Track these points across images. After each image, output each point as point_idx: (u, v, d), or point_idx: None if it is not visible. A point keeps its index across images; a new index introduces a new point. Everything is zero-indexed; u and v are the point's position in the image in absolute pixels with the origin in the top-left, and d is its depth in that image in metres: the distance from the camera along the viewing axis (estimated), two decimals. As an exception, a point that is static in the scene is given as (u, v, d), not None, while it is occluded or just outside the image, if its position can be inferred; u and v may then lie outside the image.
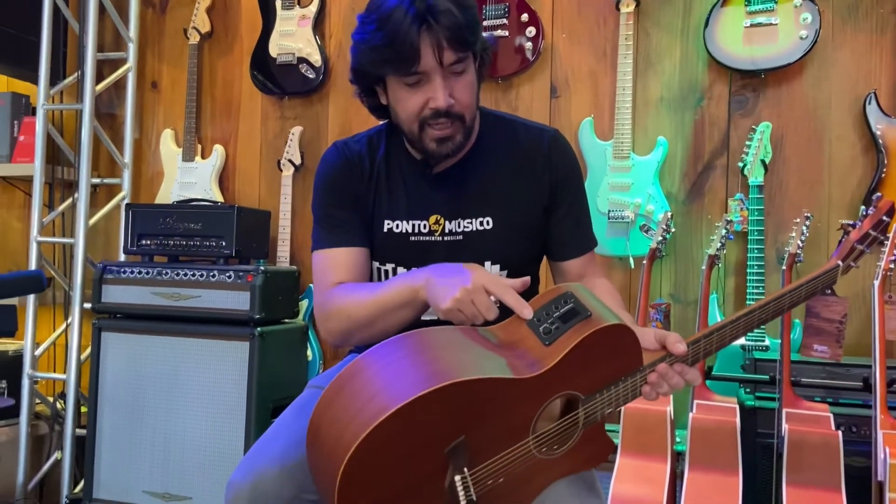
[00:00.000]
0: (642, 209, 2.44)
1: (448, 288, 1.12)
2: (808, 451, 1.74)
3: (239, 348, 2.44)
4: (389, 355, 1.05)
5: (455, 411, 0.99)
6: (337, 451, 0.97)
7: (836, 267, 1.26)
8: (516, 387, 1.02)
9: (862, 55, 2.37)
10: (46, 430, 2.87)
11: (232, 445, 2.42)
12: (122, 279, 2.59)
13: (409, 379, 0.98)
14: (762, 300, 1.22)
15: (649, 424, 1.89)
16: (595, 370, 1.09)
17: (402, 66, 1.21)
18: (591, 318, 1.06)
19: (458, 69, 1.24)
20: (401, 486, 1.00)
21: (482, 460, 1.04)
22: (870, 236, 1.30)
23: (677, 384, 1.14)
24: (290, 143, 2.90)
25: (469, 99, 1.27)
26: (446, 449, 1.00)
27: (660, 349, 1.14)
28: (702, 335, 1.17)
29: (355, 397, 1.01)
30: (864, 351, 2.21)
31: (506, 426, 1.05)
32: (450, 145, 1.28)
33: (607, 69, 2.62)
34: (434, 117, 1.24)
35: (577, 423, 1.11)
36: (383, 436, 0.95)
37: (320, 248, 1.39)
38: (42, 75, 2.89)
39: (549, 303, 1.10)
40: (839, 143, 2.39)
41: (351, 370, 1.05)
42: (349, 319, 1.27)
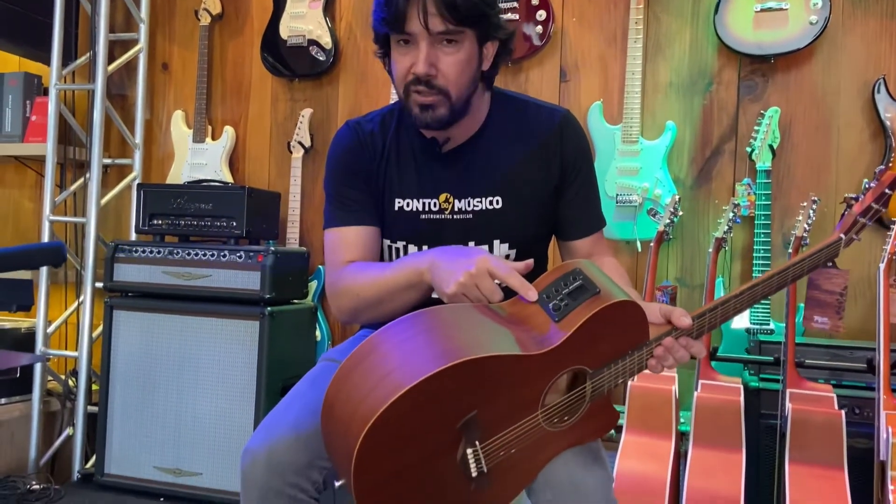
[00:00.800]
0: (650, 193, 2.45)
1: (452, 272, 1.14)
2: (811, 429, 1.77)
3: (249, 327, 2.47)
4: (403, 333, 1.07)
5: (467, 387, 1.02)
6: (353, 428, 0.99)
7: (838, 240, 1.27)
8: (527, 363, 1.05)
9: (872, 40, 2.38)
10: (58, 407, 2.91)
11: (242, 422, 2.46)
12: (134, 258, 2.62)
13: (423, 356, 1.01)
14: (766, 273, 1.23)
15: (654, 403, 1.92)
16: (603, 345, 1.11)
17: (394, 26, 1.24)
18: (599, 295, 1.08)
19: (448, 39, 1.24)
20: (415, 459, 1.02)
21: (493, 434, 1.07)
22: (872, 209, 1.30)
23: (682, 357, 1.16)
24: (300, 125, 2.92)
25: (454, 75, 1.26)
26: (459, 423, 1.03)
27: (665, 323, 1.16)
28: (706, 308, 1.19)
29: (370, 374, 1.04)
30: (868, 335, 2.23)
31: (516, 401, 1.07)
32: (430, 114, 1.27)
33: (617, 53, 2.63)
34: (415, 83, 1.26)
35: (585, 396, 1.13)
36: (398, 412, 0.97)
37: (332, 226, 1.41)
38: (54, 55, 2.91)
39: (557, 279, 1.12)
40: (847, 129, 2.40)
41: (365, 348, 1.07)
42: (358, 298, 1.30)
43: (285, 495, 1.18)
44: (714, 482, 1.77)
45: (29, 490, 2.56)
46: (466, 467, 1.05)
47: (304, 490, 1.20)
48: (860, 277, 2.36)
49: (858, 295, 2.37)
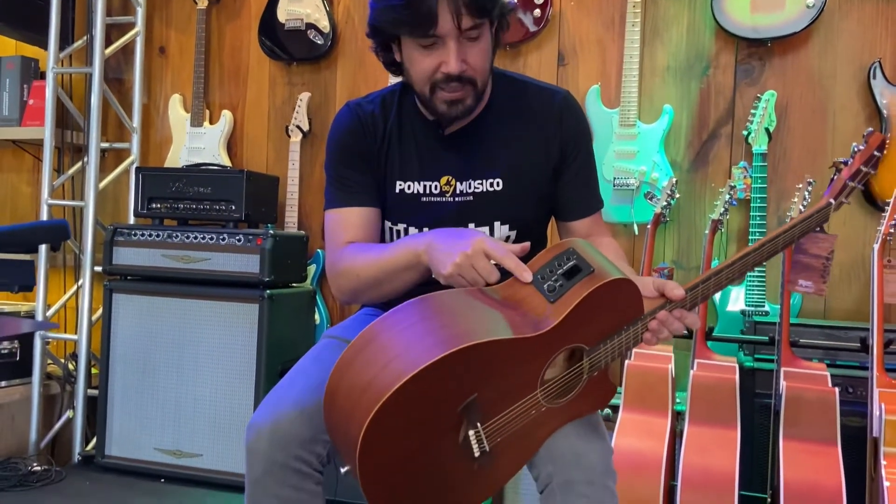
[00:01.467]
0: (647, 177, 2.47)
1: (449, 254, 1.15)
2: (805, 406, 1.79)
3: (248, 310, 2.49)
4: (402, 321, 1.09)
5: (467, 372, 1.04)
6: (356, 417, 1.01)
7: (828, 205, 1.29)
8: (525, 345, 1.07)
9: (868, 24, 2.39)
10: (58, 390, 2.93)
11: (242, 404, 2.48)
12: (133, 241, 2.63)
13: (423, 345, 1.03)
14: (757, 242, 1.24)
15: (651, 381, 1.94)
16: (599, 323, 1.13)
17: (419, 29, 1.23)
18: (594, 274, 1.10)
19: (473, 34, 1.25)
20: (418, 444, 1.05)
21: (494, 415, 1.09)
22: (861, 172, 1.32)
23: (677, 329, 1.18)
24: (298, 109, 2.92)
25: (482, 64, 1.29)
26: (460, 407, 1.05)
27: (659, 297, 1.18)
28: (699, 280, 1.21)
29: (371, 364, 1.05)
30: (863, 316, 2.26)
31: (515, 382, 1.09)
32: (460, 107, 1.29)
33: (615, 37, 2.63)
34: (445, 81, 1.26)
35: (582, 372, 1.15)
36: (400, 400, 0.99)
37: (333, 207, 1.41)
38: (51, 39, 2.90)
39: (551, 260, 1.13)
40: (843, 113, 2.41)
41: (365, 336, 1.09)
42: (357, 279, 1.31)
43: (290, 468, 1.20)
44: (709, 458, 1.80)
45: (30, 472, 2.58)
46: (469, 448, 1.07)
47: (309, 463, 1.21)
48: (855, 259, 2.38)
49: (853, 277, 2.39)
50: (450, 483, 1.10)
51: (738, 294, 2.39)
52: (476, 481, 1.12)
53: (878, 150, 1.32)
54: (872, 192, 2.30)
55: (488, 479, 1.14)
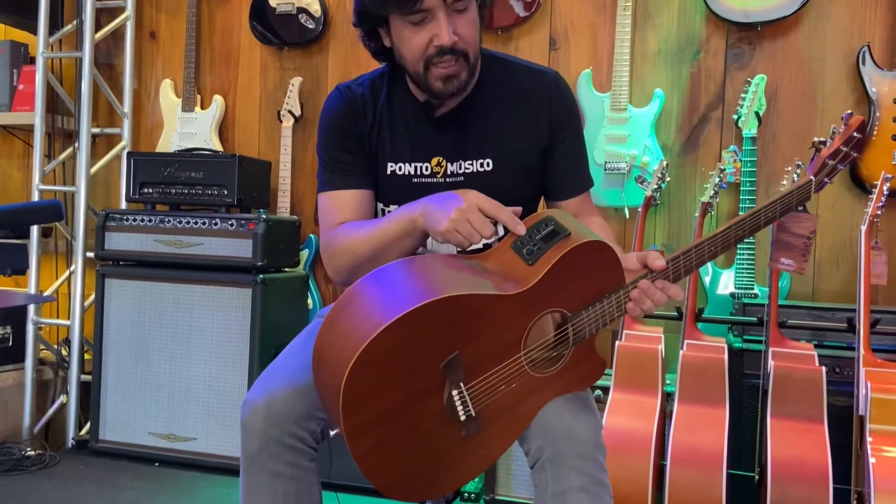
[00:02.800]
0: (638, 160, 2.48)
1: (445, 211, 1.17)
2: (793, 385, 1.82)
3: (241, 295, 2.50)
4: (383, 280, 1.12)
5: (446, 327, 1.06)
6: (338, 369, 1.03)
7: (808, 182, 1.30)
8: (503, 303, 1.09)
9: (857, 8, 2.40)
10: (51, 376, 2.93)
11: (235, 388, 2.49)
12: (125, 226, 2.62)
13: (401, 297, 1.05)
14: (739, 217, 1.26)
15: (641, 361, 1.97)
16: (578, 287, 1.15)
17: (406, 4, 1.23)
18: (570, 237, 1.13)
19: (460, 6, 1.26)
20: (401, 400, 1.06)
21: (477, 375, 1.11)
22: (841, 152, 1.33)
23: (660, 299, 1.20)
24: (290, 94, 2.92)
25: (472, 35, 1.29)
26: (441, 364, 1.07)
27: (642, 269, 1.21)
28: (681, 252, 1.23)
29: (352, 318, 1.08)
30: (850, 298, 2.28)
31: (497, 342, 1.11)
32: (455, 83, 1.30)
33: (606, 22, 2.64)
34: (439, 55, 1.26)
35: (567, 340, 1.17)
36: (380, 349, 1.01)
37: (325, 190, 1.42)
38: (41, 23, 2.89)
39: (531, 228, 1.16)
40: (832, 96, 2.43)
41: (348, 295, 1.12)
42: (354, 254, 1.31)
43: (284, 444, 1.21)
44: (698, 436, 1.82)
45: (24, 456, 2.59)
46: (454, 410, 1.09)
47: (303, 440, 1.23)
48: (842, 242, 2.41)
49: (841, 259, 2.42)
50: (439, 451, 1.12)
51: (728, 277, 2.41)
52: (466, 452, 1.14)
53: (858, 131, 1.34)
54: (860, 175, 2.33)
55: (479, 451, 1.15)
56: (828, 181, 1.35)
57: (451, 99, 1.36)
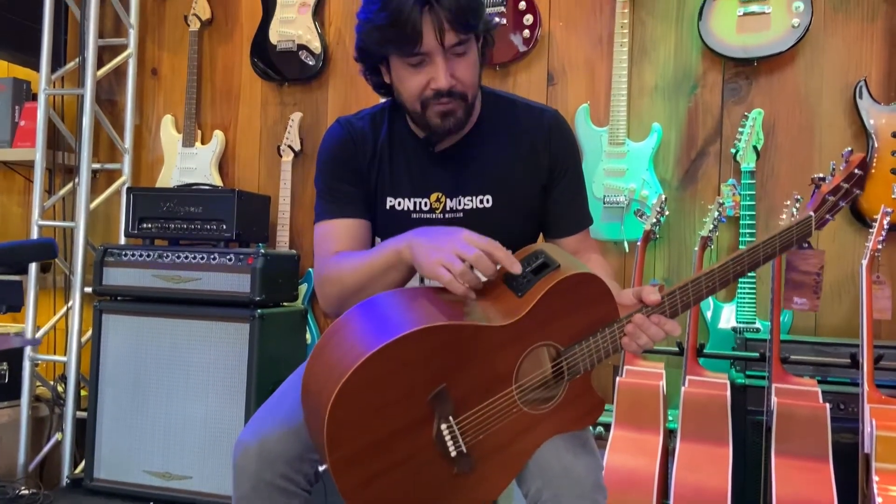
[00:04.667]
0: (637, 194, 2.48)
1: (434, 246, 1.13)
2: (797, 422, 1.79)
3: (239, 330, 2.47)
4: (370, 310, 1.11)
5: (433, 357, 1.04)
6: (322, 400, 1.01)
7: (808, 218, 1.28)
8: (492, 334, 1.07)
9: (853, 43, 2.42)
10: (47, 413, 2.90)
11: (232, 425, 2.45)
12: (123, 262, 2.61)
13: (386, 326, 1.04)
14: (737, 252, 1.24)
15: (643, 398, 1.94)
16: (569, 320, 1.14)
17: (405, 47, 1.24)
18: (560, 269, 1.12)
19: (459, 50, 1.26)
20: (388, 433, 1.03)
21: (467, 409, 1.08)
22: (842, 189, 1.32)
23: (656, 335, 1.17)
24: (290, 129, 2.93)
25: (471, 78, 1.30)
26: (429, 396, 1.05)
27: (638, 304, 1.19)
28: (677, 287, 1.21)
29: (337, 348, 1.06)
30: (853, 332, 2.26)
31: (487, 375, 1.09)
32: (452, 120, 1.30)
33: (603, 57, 2.66)
34: (436, 97, 1.27)
35: (562, 375, 1.15)
36: (363, 380, 0.99)
37: (322, 219, 1.41)
38: (44, 60, 2.91)
39: (521, 260, 1.15)
40: (830, 130, 2.44)
41: (335, 326, 1.10)
42: (342, 284, 1.30)
43: (277, 487, 1.19)
44: (701, 475, 1.79)
45: (18, 495, 2.55)
46: (444, 445, 1.07)
47: (296, 482, 1.21)
48: (844, 275, 2.39)
49: (843, 293, 2.40)
50: (431, 490, 1.09)
51: (730, 311, 2.39)
52: (460, 492, 1.11)
53: (859, 168, 1.33)
54: (860, 209, 2.32)
55: (473, 490, 1.12)
56: (829, 218, 1.33)
57: (451, 135, 1.37)
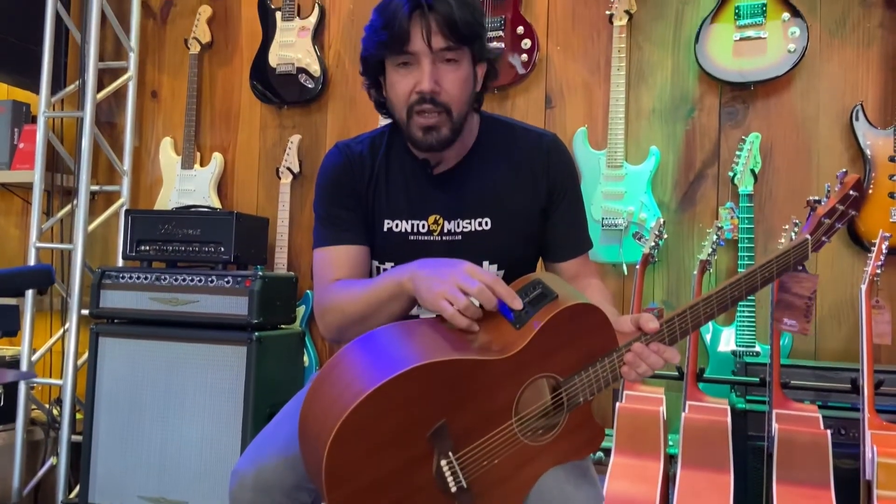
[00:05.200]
0: (635, 217, 2.48)
1: (435, 278, 1.13)
2: (798, 449, 1.78)
3: (237, 353, 2.46)
4: (368, 345, 1.10)
5: (431, 394, 1.03)
6: (320, 439, 1.00)
7: (805, 241, 1.28)
8: (490, 368, 1.06)
9: (849, 68, 2.44)
10: (42, 436, 2.87)
11: (229, 450, 2.43)
12: (121, 284, 2.61)
13: (384, 363, 1.03)
14: (735, 277, 1.24)
15: (643, 424, 1.93)
16: (568, 351, 1.13)
17: (394, 46, 1.26)
18: (557, 300, 1.11)
19: (448, 57, 1.27)
20: (388, 471, 1.02)
21: (467, 444, 1.07)
22: (837, 210, 1.32)
23: (655, 363, 1.16)
24: (289, 151, 2.94)
25: (457, 91, 1.29)
26: (428, 433, 1.03)
27: (636, 331, 1.18)
28: (675, 313, 1.20)
29: (335, 385, 1.05)
30: (852, 356, 2.25)
31: (486, 409, 1.08)
32: (435, 135, 1.29)
33: (601, 81, 2.67)
34: (419, 102, 1.27)
35: (561, 406, 1.14)
36: (362, 419, 0.98)
37: (321, 245, 1.42)
38: (43, 83, 2.92)
39: (519, 290, 1.14)
40: (827, 154, 2.45)
41: (333, 361, 1.10)
42: (343, 314, 1.30)
43: (273, 517, 1.17)
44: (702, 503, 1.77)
45: (11, 521, 2.52)
46: (444, 481, 1.05)
47: (293, 512, 1.19)
48: (843, 299, 2.39)
49: (842, 317, 2.39)
50: None
51: (729, 334, 2.38)
52: None
53: (854, 189, 1.33)
54: (858, 233, 2.32)
55: None
56: (826, 240, 1.33)
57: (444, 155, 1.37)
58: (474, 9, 1.29)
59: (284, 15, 2.95)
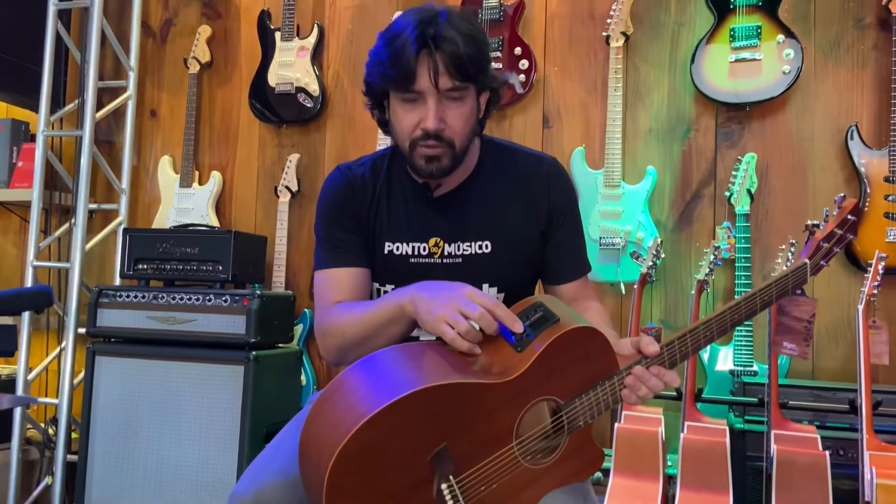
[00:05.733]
0: (632, 236, 2.49)
1: (436, 301, 1.14)
2: (797, 470, 1.77)
3: (234, 372, 2.45)
4: (370, 368, 1.10)
5: (433, 417, 1.03)
6: (321, 464, 1.00)
7: (803, 265, 1.29)
8: (491, 392, 1.06)
9: (843, 89, 2.46)
10: (37, 456, 2.85)
11: (225, 469, 2.42)
12: (118, 303, 2.60)
13: (385, 387, 1.03)
14: (734, 300, 1.25)
15: (641, 445, 1.92)
16: (569, 374, 1.13)
17: (400, 83, 1.27)
18: (559, 323, 1.11)
19: (454, 95, 1.28)
20: (388, 494, 1.02)
21: (468, 468, 1.07)
22: (836, 235, 1.33)
23: (656, 386, 1.17)
24: (287, 170, 2.95)
25: (461, 127, 1.31)
26: (429, 456, 1.03)
27: (636, 354, 1.19)
28: (675, 337, 1.21)
29: (337, 408, 1.05)
30: (850, 376, 2.26)
31: (487, 432, 1.08)
32: (436, 165, 1.31)
33: (598, 101, 2.69)
34: (424, 138, 1.29)
35: (562, 429, 1.14)
36: (363, 442, 0.98)
37: (322, 268, 1.42)
38: (43, 102, 2.93)
39: (520, 313, 1.14)
40: (823, 174, 2.46)
41: (334, 383, 1.10)
42: (343, 336, 1.31)
43: (272, 541, 1.17)
44: (702, 525, 1.77)
45: (4, 542, 2.50)
46: None
47: (291, 535, 1.19)
48: (840, 319, 2.39)
49: (840, 336, 2.40)
50: None
51: (727, 353, 2.39)
52: None
53: (852, 214, 1.34)
54: (854, 252, 2.33)
55: None
56: (824, 264, 1.34)
57: (444, 179, 1.38)
58: (480, 42, 1.29)
59: (284, 35, 2.97)
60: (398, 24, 1.28)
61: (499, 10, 2.72)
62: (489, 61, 1.33)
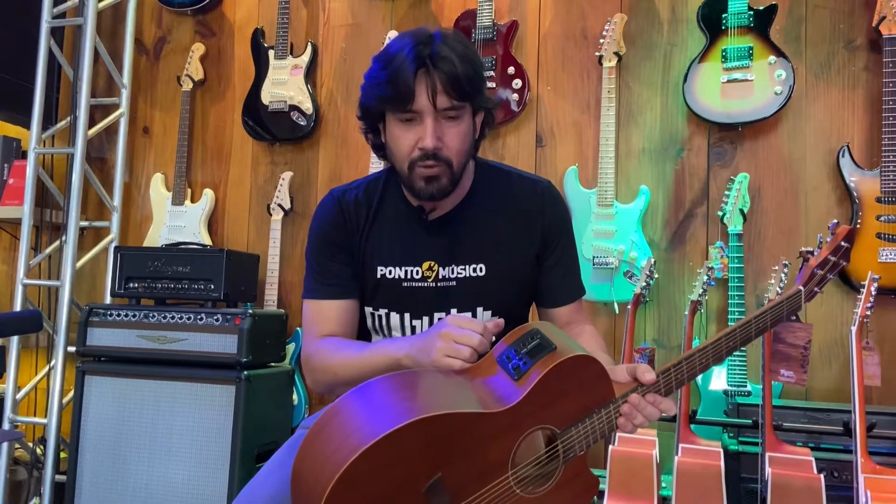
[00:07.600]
0: (626, 256, 2.49)
1: (431, 343, 1.18)
2: (792, 494, 1.76)
3: (225, 392, 2.43)
4: (367, 397, 1.09)
5: (428, 448, 1.02)
6: (315, 493, 0.99)
7: (798, 292, 1.29)
8: (487, 421, 1.06)
9: (835, 110, 2.48)
10: (25, 476, 2.82)
11: (215, 490, 2.39)
12: (108, 322, 2.58)
13: (380, 417, 1.02)
14: (729, 328, 1.25)
15: (636, 467, 1.91)
16: (566, 403, 1.12)
17: (398, 104, 1.27)
18: (556, 351, 1.11)
19: (451, 114, 1.29)
20: None
21: (463, 498, 1.06)
22: (830, 261, 1.33)
23: (651, 414, 1.17)
24: (280, 187, 2.94)
25: (458, 146, 1.32)
26: (424, 487, 1.02)
27: (632, 382, 1.18)
28: (671, 364, 1.21)
29: (331, 439, 1.04)
30: (843, 397, 2.26)
31: (483, 462, 1.07)
32: (435, 186, 1.31)
33: (591, 120, 2.70)
34: (422, 158, 1.29)
35: (557, 458, 1.13)
36: (358, 474, 0.97)
37: (310, 297, 1.44)
38: (35, 120, 2.92)
39: (517, 341, 1.14)
40: (815, 194, 2.47)
41: (328, 414, 1.09)
42: (335, 376, 1.34)
43: (262, 570, 1.15)
44: (697, 549, 1.76)
45: (-10, 565, 2.46)
46: None
47: (282, 564, 1.17)
48: (833, 340, 2.39)
49: (833, 357, 2.40)
50: None
51: (720, 373, 2.38)
52: None
53: (846, 240, 1.34)
54: (847, 273, 2.34)
55: None
56: (818, 290, 1.34)
57: (440, 203, 1.37)
58: (475, 63, 1.30)
59: (277, 53, 2.97)
60: (394, 46, 1.28)
61: (492, 30, 2.73)
62: (484, 81, 1.35)
